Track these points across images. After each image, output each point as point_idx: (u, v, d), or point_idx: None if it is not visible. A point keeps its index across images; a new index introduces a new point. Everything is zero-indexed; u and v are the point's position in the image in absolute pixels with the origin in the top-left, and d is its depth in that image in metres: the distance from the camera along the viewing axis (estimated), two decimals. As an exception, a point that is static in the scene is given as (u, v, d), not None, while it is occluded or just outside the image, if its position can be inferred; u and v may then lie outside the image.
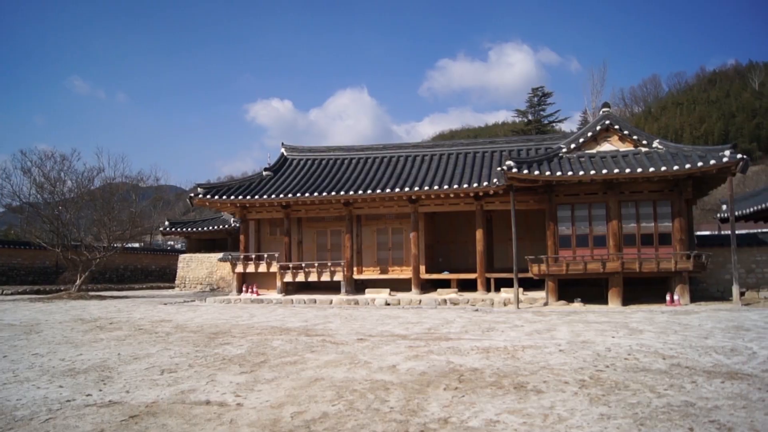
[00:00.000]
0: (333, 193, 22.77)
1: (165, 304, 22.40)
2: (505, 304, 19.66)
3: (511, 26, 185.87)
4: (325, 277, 23.44)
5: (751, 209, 25.60)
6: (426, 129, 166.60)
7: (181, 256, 34.58)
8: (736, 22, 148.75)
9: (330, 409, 6.14)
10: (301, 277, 23.71)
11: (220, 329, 13.48)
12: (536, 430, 5.31)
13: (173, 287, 34.13)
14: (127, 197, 31.72)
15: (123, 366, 8.84)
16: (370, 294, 22.38)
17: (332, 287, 23.86)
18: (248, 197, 23.65)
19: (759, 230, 26.95)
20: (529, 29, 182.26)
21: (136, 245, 46.08)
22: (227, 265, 28.40)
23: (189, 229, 34.60)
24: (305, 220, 25.50)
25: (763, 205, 24.03)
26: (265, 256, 24.37)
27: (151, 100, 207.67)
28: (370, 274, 24.45)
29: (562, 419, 5.61)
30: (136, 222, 30.55)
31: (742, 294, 20.19)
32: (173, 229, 35.20)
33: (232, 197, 23.76)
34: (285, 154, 28.23)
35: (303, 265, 23.84)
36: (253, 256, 24.72)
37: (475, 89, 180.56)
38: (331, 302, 21.32)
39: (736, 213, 25.60)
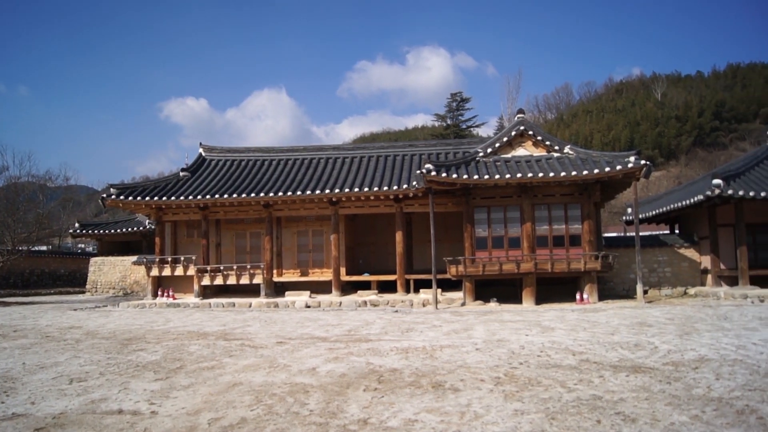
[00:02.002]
0: (252, 195, 22.47)
1: (75, 309, 21.44)
2: (424, 305, 19.99)
3: (427, 30, 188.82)
4: (245, 280, 23.09)
5: (654, 212, 27.14)
6: (345, 131, 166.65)
7: (93, 260, 33.13)
8: (640, 34, 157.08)
9: (248, 414, 6.11)
10: (219, 281, 23.26)
11: (134, 335, 13.07)
12: (453, 427, 5.47)
13: (84, 292, 32.64)
14: (34, 198, 30.19)
15: (28, 376, 8.44)
16: (290, 296, 22.24)
17: (252, 290, 23.53)
18: (164, 198, 22.98)
19: (661, 232, 28.62)
20: (446, 33, 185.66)
21: (44, 248, 43.77)
22: (142, 269, 27.44)
23: (101, 231, 33.19)
24: (224, 222, 25.02)
25: (665, 209, 25.52)
26: (182, 259, 23.75)
27: (58, 95, 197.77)
28: (291, 276, 24.27)
29: (478, 416, 5.81)
30: (43, 224, 29.09)
31: (645, 292, 21.39)
32: (84, 231, 33.66)
33: (147, 198, 23.02)
34: (203, 154, 27.61)
35: (221, 268, 23.39)
36: (170, 259, 24.03)
37: (394, 92, 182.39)
38: (250, 305, 21.03)
39: (640, 216, 27.05)
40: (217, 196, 22.67)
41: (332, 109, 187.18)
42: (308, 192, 22.36)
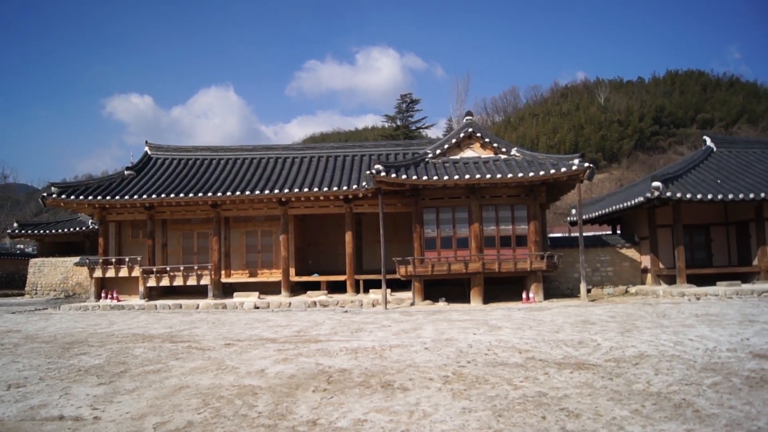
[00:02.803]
0: (200, 195, 22.10)
1: (13, 312, 20.64)
2: (373, 305, 20.05)
3: (376, 30, 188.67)
4: (192, 281, 22.69)
5: (597, 213, 27.91)
6: (295, 131, 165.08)
7: (32, 261, 31.95)
8: (585, 40, 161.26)
9: (195, 417, 6.02)
10: (165, 282, 22.78)
11: (76, 338, 12.68)
12: (402, 426, 5.51)
13: (23, 294, 31.48)
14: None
15: (-37, 382, 8.10)
16: (238, 298, 21.96)
17: (199, 291, 23.13)
18: (108, 198, 22.36)
19: (603, 233, 29.44)
20: (394, 34, 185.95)
21: (-22, 249, 42.02)
22: (84, 270, 26.64)
23: (41, 231, 32.05)
24: (170, 222, 24.51)
25: (607, 210, 26.28)
26: (127, 260, 23.16)
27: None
28: (239, 277, 23.97)
29: (427, 415, 5.87)
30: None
31: (589, 291, 21.98)
32: (23, 232, 32.44)
33: (91, 197, 22.35)
34: (149, 152, 27.00)
35: (168, 268, 22.91)
36: (114, 260, 23.40)
37: (344, 92, 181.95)
38: (197, 307, 20.68)
39: (584, 217, 27.76)
40: (163, 195, 22.20)
41: (281, 108, 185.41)
42: (257, 192, 22.13)
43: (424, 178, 19.98)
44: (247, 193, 22.11)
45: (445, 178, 19.90)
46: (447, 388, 7.00)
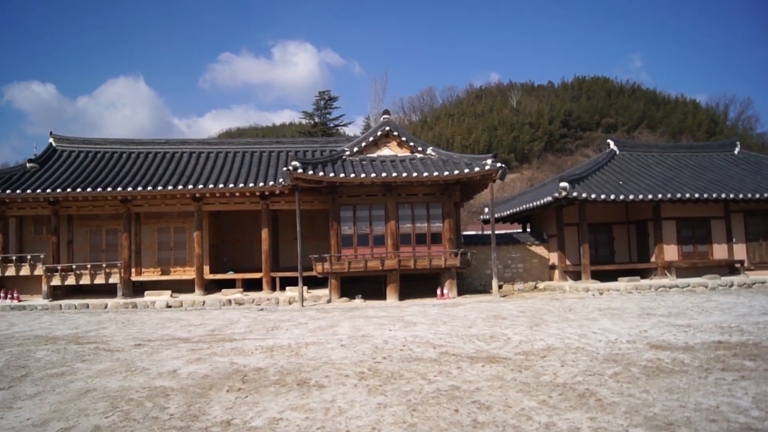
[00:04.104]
0: (109, 189, 21.20)
1: None
2: (290, 303, 19.92)
3: (292, 24, 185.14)
4: (100, 280, 21.73)
5: (508, 212, 28.87)
6: (210, 125, 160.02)
7: None
8: (498, 43, 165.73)
9: (103, 421, 5.81)
10: (71, 281, 21.70)
11: (-30, 341, 11.91)
12: (318, 424, 5.53)
13: None
14: None
15: None
16: (149, 296, 21.24)
17: (108, 291, 22.18)
18: (8, 191, 21.06)
19: (514, 231, 30.44)
20: (311, 28, 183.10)
21: None
22: (-22, 269, 25.00)
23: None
24: (77, 218, 23.38)
25: (518, 209, 27.23)
26: (29, 257, 21.90)
27: None
28: (151, 275, 23.18)
29: (343, 411, 5.91)
30: None
31: (500, 287, 22.68)
32: None
33: (-14, 191, 21.01)
34: (54, 144, 25.63)
35: (74, 266, 21.84)
36: (14, 258, 22.06)
37: (261, 86, 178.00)
38: (106, 306, 19.85)
39: (496, 215, 28.62)
40: (69, 189, 21.14)
41: (195, 101, 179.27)
42: (170, 187, 21.47)
43: (342, 175, 20.01)
44: (160, 188, 21.42)
45: (362, 176, 20.02)
46: (363, 384, 7.06)
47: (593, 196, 21.71)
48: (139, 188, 21.35)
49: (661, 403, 5.87)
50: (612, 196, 21.82)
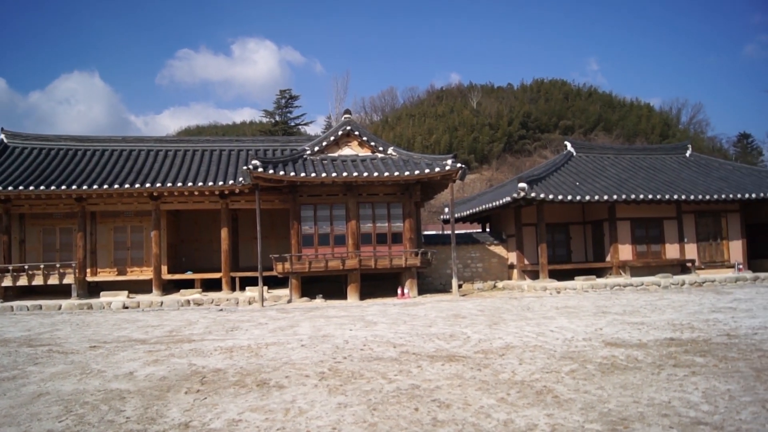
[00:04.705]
0: (63, 188, 20.65)
1: None
2: (250, 303, 19.75)
3: (252, 21, 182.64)
4: (54, 281, 21.17)
5: (468, 212, 29.16)
6: (168, 122, 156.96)
7: None
8: (459, 44, 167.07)
9: (56, 426, 5.68)
10: (23, 281, 21.07)
11: None
12: (278, 425, 5.50)
13: None
14: None
15: None
16: (105, 297, 20.78)
17: (62, 291, 21.63)
18: (-47, 190, 20.38)
19: (474, 231, 30.76)
20: (271, 26, 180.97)
21: None
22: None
23: None
24: (29, 217, 22.71)
25: (478, 209, 27.52)
26: (-25, 257, 21.22)
27: None
28: (107, 275, 22.68)
29: (303, 411, 5.90)
30: None
31: (460, 286, 22.90)
32: None
33: (-68, 189, 20.25)
34: (5, 140, 24.83)
35: (26, 267, 21.22)
36: (-41, 258, 21.36)
37: (220, 83, 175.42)
38: (60, 308, 19.35)
39: (456, 215, 28.88)
40: (21, 187, 20.52)
41: (152, 98, 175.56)
42: (127, 186, 21.04)
43: (302, 174, 19.93)
44: (116, 186, 20.97)
45: (323, 175, 19.97)
46: (323, 384, 7.06)
47: (551, 196, 22.09)
48: (95, 186, 20.86)
49: (616, 399, 6.02)
50: (569, 197, 22.24)
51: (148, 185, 21.12)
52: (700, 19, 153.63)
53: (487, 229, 29.99)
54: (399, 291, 20.78)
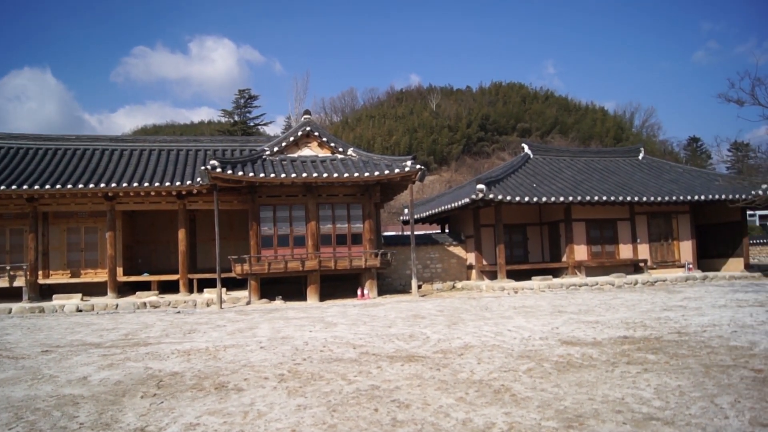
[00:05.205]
0: (14, 188, 20.03)
1: None
2: (208, 305, 19.51)
3: (210, 18, 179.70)
4: (3, 283, 20.55)
5: (428, 213, 29.36)
6: (123, 121, 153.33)
7: None
8: (419, 46, 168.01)
9: (7, 432, 5.53)
10: (-32, 284, 20.43)
11: None
12: (236, 428, 5.45)
13: None
14: None
15: None
16: (58, 300, 20.24)
17: (12, 294, 20.97)
18: None
19: (433, 232, 30.98)
20: (229, 24, 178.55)
21: None
22: None
23: None
24: (-25, 218, 22.00)
25: (437, 210, 27.74)
26: None
27: None
28: (60, 278, 22.09)
29: (262, 414, 5.86)
30: None
31: (419, 287, 23.03)
32: None
33: None
34: (-50, 139, 24.01)
35: (-29, 269, 20.57)
36: None
37: (177, 82, 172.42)
38: (10, 311, 18.76)
39: (416, 216, 29.06)
40: (-34, 188, 19.87)
41: (107, 96, 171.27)
42: (81, 186, 20.54)
43: (261, 175, 19.77)
44: (69, 186, 20.45)
45: (283, 176, 19.85)
46: (282, 386, 7.03)
47: (508, 198, 22.40)
48: (47, 186, 20.31)
49: (572, 396, 6.15)
50: (526, 198, 22.59)
51: (102, 185, 20.66)
52: (652, 27, 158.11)
53: (447, 230, 30.23)
54: (359, 292, 20.79)
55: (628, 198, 23.65)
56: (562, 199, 22.94)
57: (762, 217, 54.62)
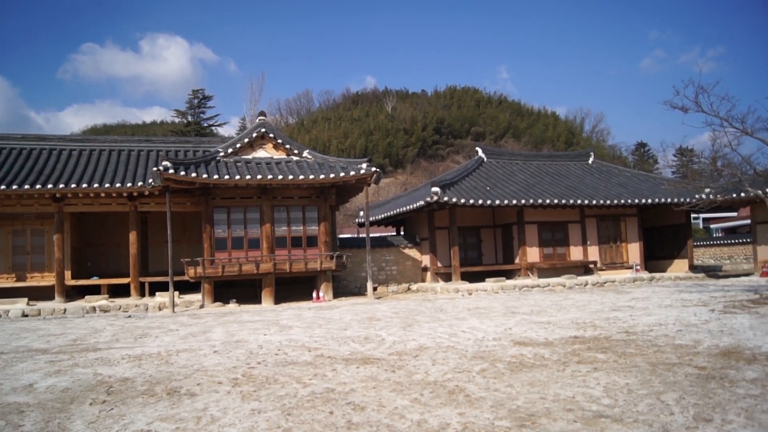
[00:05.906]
0: (-48, 189, 19.32)
1: None
2: (160, 309, 19.15)
3: (161, 16, 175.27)
4: (-60, 288, 19.78)
5: (383, 215, 29.44)
6: (71, 120, 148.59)
7: None
8: (374, 49, 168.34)
9: (-52, 442, 5.33)
10: None
11: None
12: (189, 433, 5.40)
13: None
14: None
15: None
16: (2, 305, 19.52)
17: (-51, 299, 20.21)
18: None
19: (389, 234, 31.09)
20: (182, 22, 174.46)
21: None
22: None
23: None
24: None
25: (392, 212, 27.83)
26: None
27: None
28: (4, 282, 21.34)
29: (215, 419, 5.79)
30: None
31: (375, 289, 23.10)
32: None
33: None
34: None
35: None
36: None
37: (128, 80, 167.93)
38: (-53, 317, 18.07)
39: (371, 218, 29.11)
40: None
41: (54, 93, 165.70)
42: (26, 187, 19.89)
43: (215, 177, 19.52)
44: (14, 187, 19.78)
45: (237, 177, 19.65)
46: (236, 390, 6.96)
47: (463, 200, 22.65)
48: (-11, 187, 19.63)
49: (524, 396, 6.27)
50: (480, 201, 22.88)
51: (50, 186, 20.06)
52: (601, 34, 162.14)
53: (402, 233, 30.37)
54: (314, 294, 20.73)
55: (579, 201, 24.19)
56: (515, 202, 23.32)
57: (705, 220, 56.53)
